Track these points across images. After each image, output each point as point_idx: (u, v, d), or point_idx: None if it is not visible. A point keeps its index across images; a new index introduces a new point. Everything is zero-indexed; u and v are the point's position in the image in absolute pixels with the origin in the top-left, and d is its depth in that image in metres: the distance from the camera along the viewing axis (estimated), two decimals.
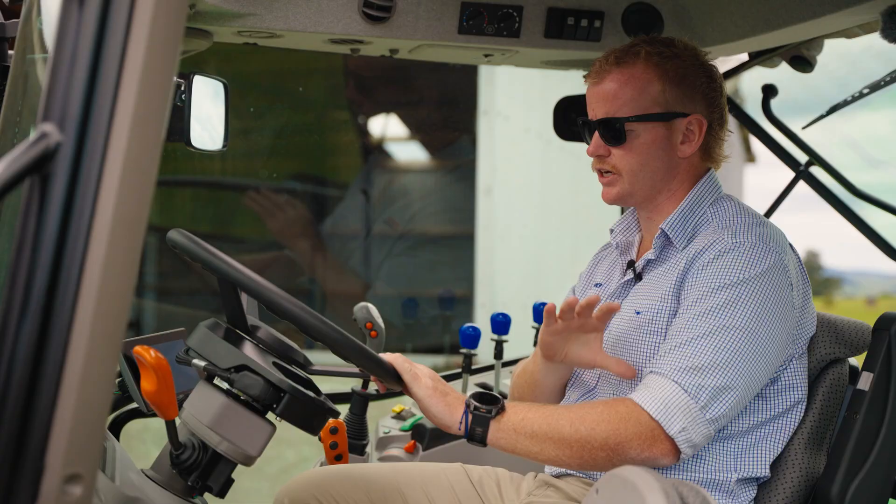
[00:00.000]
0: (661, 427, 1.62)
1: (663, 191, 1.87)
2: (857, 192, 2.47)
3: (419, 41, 2.20)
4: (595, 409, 1.66)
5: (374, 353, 1.73)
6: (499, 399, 1.69)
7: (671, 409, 1.63)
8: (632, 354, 1.81)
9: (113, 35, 0.96)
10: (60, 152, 0.95)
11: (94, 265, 0.96)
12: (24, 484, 0.94)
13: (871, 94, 2.26)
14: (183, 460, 1.62)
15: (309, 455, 5.05)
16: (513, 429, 1.66)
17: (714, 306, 1.68)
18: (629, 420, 1.63)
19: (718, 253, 1.74)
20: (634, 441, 1.62)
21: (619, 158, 1.85)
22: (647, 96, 1.82)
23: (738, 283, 1.69)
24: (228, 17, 2.05)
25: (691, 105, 1.84)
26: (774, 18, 2.00)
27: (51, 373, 0.95)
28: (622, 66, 1.83)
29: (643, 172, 1.84)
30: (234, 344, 1.65)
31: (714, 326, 1.67)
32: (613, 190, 1.87)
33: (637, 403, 1.64)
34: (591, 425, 1.63)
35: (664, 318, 1.78)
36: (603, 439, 1.62)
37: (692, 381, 1.64)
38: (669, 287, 1.78)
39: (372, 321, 2.38)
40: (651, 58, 1.82)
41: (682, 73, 1.83)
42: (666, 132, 1.83)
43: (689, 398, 1.63)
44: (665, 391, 1.64)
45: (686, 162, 1.87)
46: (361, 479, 1.92)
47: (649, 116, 1.82)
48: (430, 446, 2.47)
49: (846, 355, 1.88)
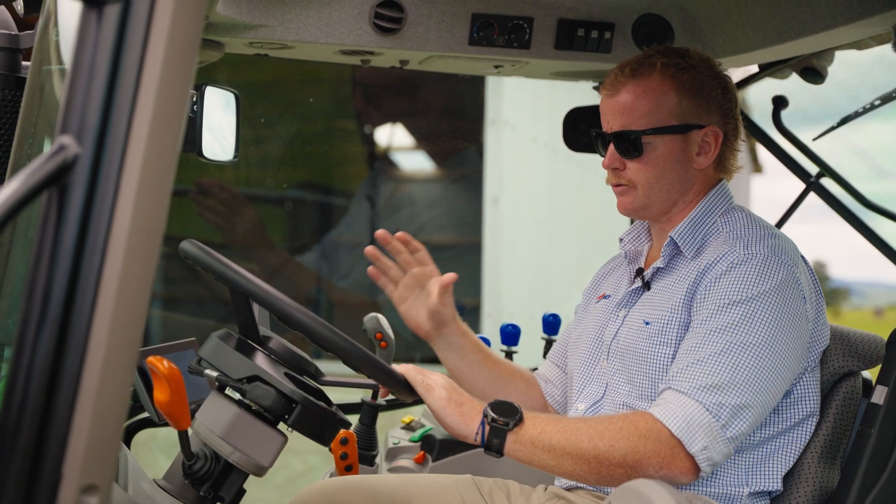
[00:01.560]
0: (682, 445, 1.61)
1: (678, 202, 1.87)
2: (868, 204, 2.46)
3: (430, 52, 2.21)
4: (614, 423, 1.65)
5: (385, 364, 1.73)
6: (517, 410, 1.67)
7: (693, 427, 1.62)
8: (641, 364, 1.80)
9: (131, 48, 0.97)
10: (78, 164, 0.96)
11: (111, 276, 0.96)
12: (42, 494, 0.94)
13: (882, 105, 2.26)
14: (195, 471, 1.62)
15: (316, 465, 5.04)
16: (530, 441, 1.65)
17: (730, 323, 1.68)
18: (649, 437, 1.61)
19: (731, 265, 1.73)
20: (653, 458, 1.61)
21: (634, 171, 1.84)
22: (663, 108, 1.81)
23: (753, 299, 1.68)
24: (240, 28, 2.06)
25: (707, 117, 1.83)
26: (785, 30, 2.00)
27: (68, 383, 0.95)
28: (638, 77, 1.82)
29: (659, 185, 1.84)
30: (246, 354, 1.65)
31: (731, 343, 1.66)
32: (629, 202, 1.87)
33: (658, 420, 1.63)
34: (609, 441, 1.61)
35: (674, 329, 1.77)
36: (622, 456, 1.61)
37: (713, 399, 1.63)
38: (680, 298, 1.78)
39: (382, 331, 2.38)
40: (667, 69, 1.81)
41: (699, 85, 1.82)
42: (682, 144, 1.83)
43: (710, 416, 1.62)
44: (686, 409, 1.63)
45: (702, 174, 1.87)
46: (371, 491, 1.92)
47: (666, 129, 1.81)
48: (440, 457, 2.47)
49: (859, 368, 1.87)
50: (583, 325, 2.02)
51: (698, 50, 1.89)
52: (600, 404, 1.88)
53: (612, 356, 1.87)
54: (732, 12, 2.13)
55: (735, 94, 1.89)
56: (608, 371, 1.88)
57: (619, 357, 1.85)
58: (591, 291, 2.10)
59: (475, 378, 2.02)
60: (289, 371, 1.73)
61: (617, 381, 1.85)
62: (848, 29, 1.88)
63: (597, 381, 1.90)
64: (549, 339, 2.67)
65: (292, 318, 1.62)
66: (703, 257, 1.81)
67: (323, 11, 2.10)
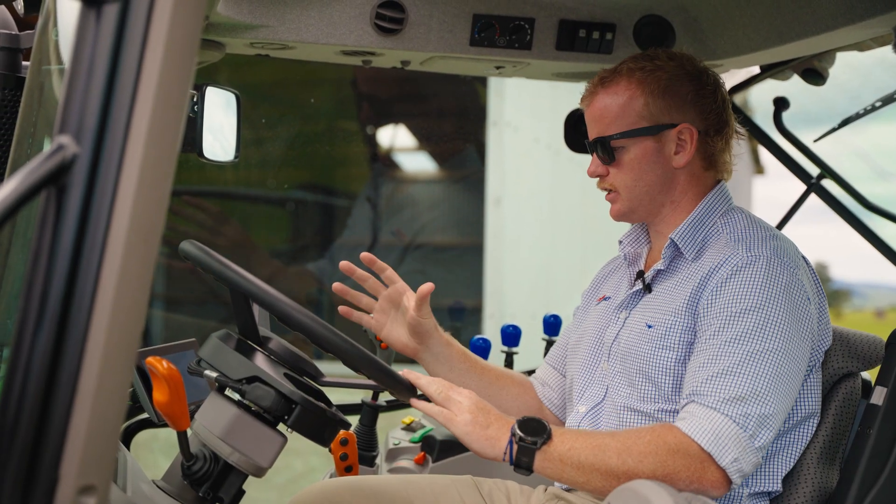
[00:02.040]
0: (713, 458, 1.62)
1: (666, 203, 1.88)
2: (869, 206, 2.46)
3: (431, 53, 2.21)
4: (642, 439, 1.64)
5: (385, 365, 1.73)
6: (545, 427, 1.65)
7: (722, 440, 1.62)
8: (642, 366, 1.80)
9: (130, 47, 0.97)
10: (77, 164, 0.95)
11: (110, 276, 0.96)
12: (39, 495, 0.94)
13: (883, 107, 2.26)
14: (194, 471, 1.62)
15: (317, 465, 5.04)
16: (559, 458, 1.64)
17: (744, 332, 1.68)
18: (678, 452, 1.62)
19: (734, 269, 1.74)
20: (683, 473, 1.61)
21: (614, 176, 1.88)
22: (630, 112, 1.84)
23: (763, 306, 1.69)
24: (241, 28, 2.06)
25: (679, 115, 1.85)
26: (787, 31, 2.00)
27: (66, 384, 0.95)
28: (606, 85, 1.86)
29: (637, 187, 1.86)
30: (246, 355, 1.65)
31: (749, 353, 1.67)
32: (616, 207, 1.90)
33: (686, 434, 1.63)
34: (638, 457, 1.61)
35: (677, 334, 1.77)
36: (651, 471, 1.61)
37: (738, 410, 1.64)
38: (683, 302, 1.78)
39: None
40: (633, 74, 1.84)
41: (665, 85, 1.84)
42: (656, 145, 1.85)
43: (738, 429, 1.63)
44: (714, 423, 1.64)
45: (685, 172, 1.87)
46: (371, 491, 1.91)
47: (635, 132, 1.84)
48: (440, 458, 2.46)
49: (859, 369, 1.87)
50: (583, 327, 2.02)
51: (672, 51, 1.91)
52: (601, 407, 1.88)
53: (612, 358, 1.87)
54: (734, 13, 2.12)
55: (715, 90, 1.88)
56: (609, 373, 1.88)
57: (619, 359, 1.85)
58: (590, 293, 2.10)
59: (467, 387, 2.01)
60: (288, 372, 1.73)
61: (617, 384, 1.85)
62: (849, 30, 1.87)
63: (597, 383, 1.90)
64: (550, 340, 2.67)
65: (292, 318, 1.61)
66: (704, 260, 1.81)
67: (324, 12, 2.10)
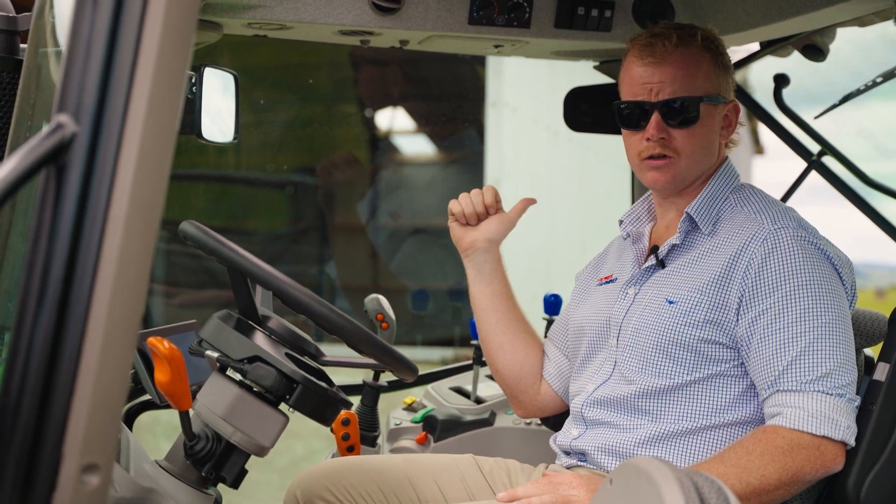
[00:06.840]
0: (827, 437, 1.65)
1: (700, 176, 1.90)
2: (870, 182, 2.46)
3: (429, 32, 2.19)
4: (752, 452, 1.65)
5: (386, 344, 1.73)
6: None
7: (829, 417, 1.65)
8: (660, 341, 1.78)
9: (127, 26, 0.96)
10: (76, 143, 0.95)
11: (110, 255, 0.96)
12: (43, 473, 0.94)
13: (884, 82, 2.25)
14: (197, 451, 1.63)
15: (318, 447, 5.06)
16: None
17: (803, 311, 1.71)
18: (792, 450, 1.64)
19: (769, 245, 1.75)
20: (807, 466, 1.64)
21: (682, 140, 1.84)
22: (709, 79, 1.86)
23: (810, 280, 1.72)
24: (239, 8, 2.05)
25: (729, 92, 1.90)
26: (787, 7, 1.98)
27: (67, 363, 0.95)
28: (684, 47, 1.84)
29: (700, 154, 1.86)
30: (247, 335, 1.65)
31: (815, 328, 1.70)
32: (669, 174, 1.85)
33: (792, 429, 1.65)
34: (758, 473, 1.63)
35: (703, 311, 1.76)
36: (776, 479, 1.63)
37: (831, 384, 1.67)
38: (711, 278, 1.77)
39: (383, 313, 2.38)
40: (705, 41, 1.86)
41: (725, 61, 1.89)
42: (717, 117, 1.88)
43: (839, 399, 1.67)
44: (812, 405, 1.66)
45: (721, 149, 1.92)
46: (373, 471, 1.92)
47: (713, 98, 1.85)
48: (442, 438, 2.47)
49: (862, 346, 1.87)
50: (584, 307, 2.01)
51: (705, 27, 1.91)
52: (608, 383, 1.87)
53: (622, 334, 1.86)
54: None
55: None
56: (616, 349, 1.87)
57: (630, 334, 1.83)
58: (589, 275, 2.09)
59: (493, 308, 2.05)
60: (289, 351, 1.73)
61: (626, 358, 1.84)
62: (850, 5, 1.86)
63: (606, 360, 1.89)
64: (551, 319, 2.67)
65: (292, 297, 1.61)
66: (724, 235, 1.81)
67: None
